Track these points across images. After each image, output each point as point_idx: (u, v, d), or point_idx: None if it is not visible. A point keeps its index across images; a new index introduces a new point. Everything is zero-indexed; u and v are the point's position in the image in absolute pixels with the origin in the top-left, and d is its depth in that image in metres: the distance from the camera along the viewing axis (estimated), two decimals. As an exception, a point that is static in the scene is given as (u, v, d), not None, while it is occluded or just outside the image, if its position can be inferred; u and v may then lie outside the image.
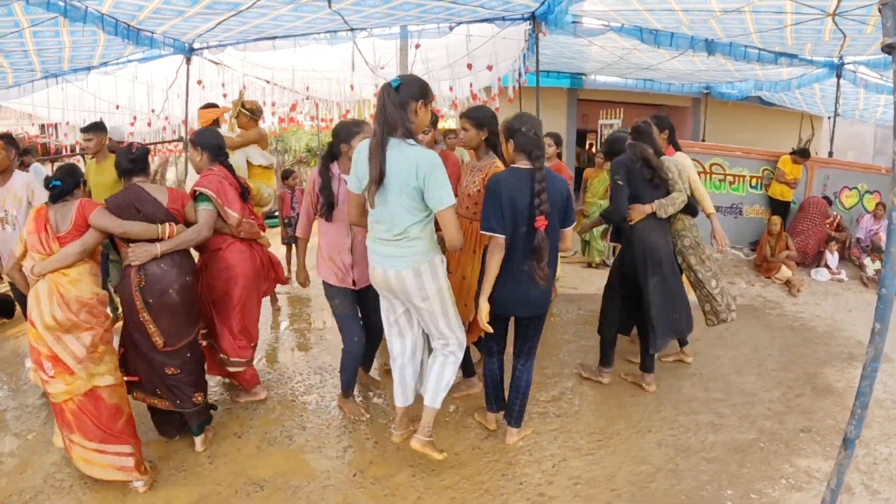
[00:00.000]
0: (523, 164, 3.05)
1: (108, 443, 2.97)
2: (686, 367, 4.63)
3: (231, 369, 3.70)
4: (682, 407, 3.95)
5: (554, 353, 4.78)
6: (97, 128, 4.76)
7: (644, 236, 3.92)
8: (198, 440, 3.37)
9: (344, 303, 3.54)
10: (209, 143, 3.63)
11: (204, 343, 3.64)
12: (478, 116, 3.52)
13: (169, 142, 12.23)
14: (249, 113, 5.15)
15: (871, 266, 7.65)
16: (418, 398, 3.23)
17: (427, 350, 3.30)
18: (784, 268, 7.28)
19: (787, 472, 3.22)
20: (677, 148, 4.57)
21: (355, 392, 3.91)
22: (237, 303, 3.60)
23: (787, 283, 7.15)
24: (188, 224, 3.33)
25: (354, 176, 2.97)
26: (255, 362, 3.99)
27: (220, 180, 3.49)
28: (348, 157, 3.32)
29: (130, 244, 3.11)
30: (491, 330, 3.12)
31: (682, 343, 4.69)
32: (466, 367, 4.04)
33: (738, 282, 7.29)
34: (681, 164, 4.18)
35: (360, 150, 2.94)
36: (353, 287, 3.53)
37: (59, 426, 3.03)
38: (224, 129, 5.37)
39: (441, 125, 10.91)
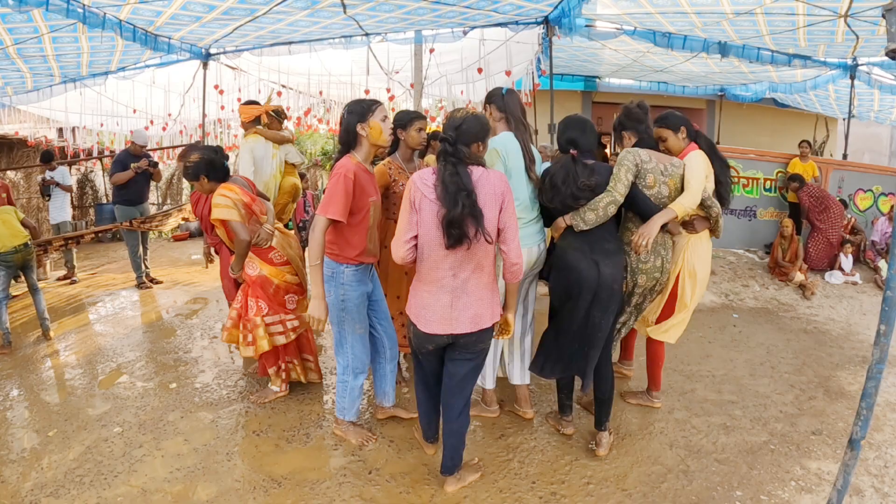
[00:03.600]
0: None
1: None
2: (700, 368, 4.65)
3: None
4: (695, 408, 3.97)
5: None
6: None
7: (563, 257, 3.27)
8: None
9: None
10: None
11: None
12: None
13: (181, 146, 12.34)
14: (275, 115, 5.30)
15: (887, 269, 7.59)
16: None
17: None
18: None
19: (797, 474, 3.23)
20: (701, 146, 3.57)
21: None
22: None
23: (801, 286, 7.13)
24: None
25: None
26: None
27: None
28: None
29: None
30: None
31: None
32: None
33: (752, 284, 7.27)
34: (680, 164, 3.44)
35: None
36: None
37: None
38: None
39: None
